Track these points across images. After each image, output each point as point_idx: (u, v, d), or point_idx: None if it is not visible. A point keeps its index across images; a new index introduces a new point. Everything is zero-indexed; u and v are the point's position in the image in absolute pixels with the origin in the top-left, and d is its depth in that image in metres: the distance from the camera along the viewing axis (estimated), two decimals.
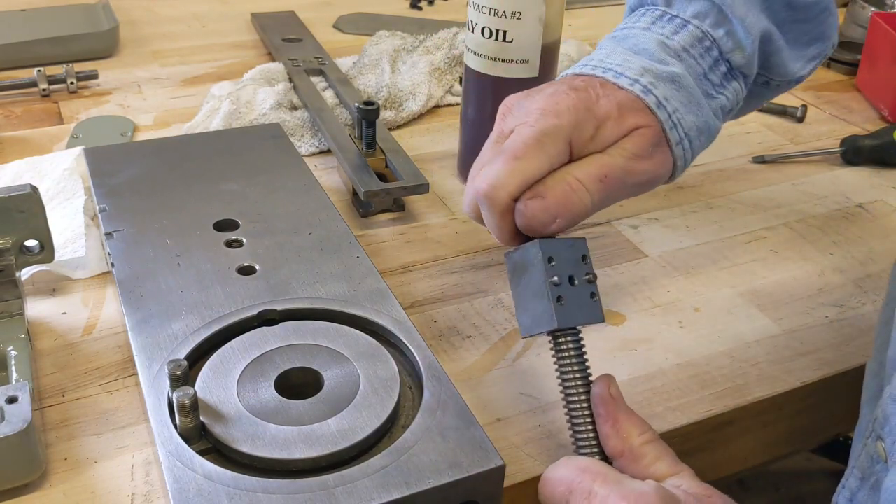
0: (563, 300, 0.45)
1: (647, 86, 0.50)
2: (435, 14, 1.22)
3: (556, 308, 0.44)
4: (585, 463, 0.42)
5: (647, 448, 0.42)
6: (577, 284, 0.45)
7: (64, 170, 0.72)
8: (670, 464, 0.42)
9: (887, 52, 0.94)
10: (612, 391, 0.44)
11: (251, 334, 0.53)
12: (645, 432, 0.43)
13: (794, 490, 1.14)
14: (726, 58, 0.55)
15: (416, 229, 0.71)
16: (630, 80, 0.50)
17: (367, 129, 0.73)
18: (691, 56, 0.53)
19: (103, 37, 1.01)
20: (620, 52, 0.53)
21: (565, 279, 0.45)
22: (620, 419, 0.43)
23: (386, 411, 0.47)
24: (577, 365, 0.45)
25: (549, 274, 0.45)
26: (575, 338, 0.46)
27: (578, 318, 0.45)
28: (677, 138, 0.52)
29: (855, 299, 0.65)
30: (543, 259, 0.45)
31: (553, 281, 0.45)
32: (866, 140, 0.84)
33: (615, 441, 0.43)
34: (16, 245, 0.55)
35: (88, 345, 0.57)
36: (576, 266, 0.46)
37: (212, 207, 0.65)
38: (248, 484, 0.43)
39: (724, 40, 0.54)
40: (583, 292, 0.45)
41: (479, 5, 0.69)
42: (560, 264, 0.45)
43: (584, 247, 0.47)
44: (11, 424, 0.45)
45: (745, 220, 0.75)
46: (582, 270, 0.46)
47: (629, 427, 0.43)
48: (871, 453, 0.46)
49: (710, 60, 0.54)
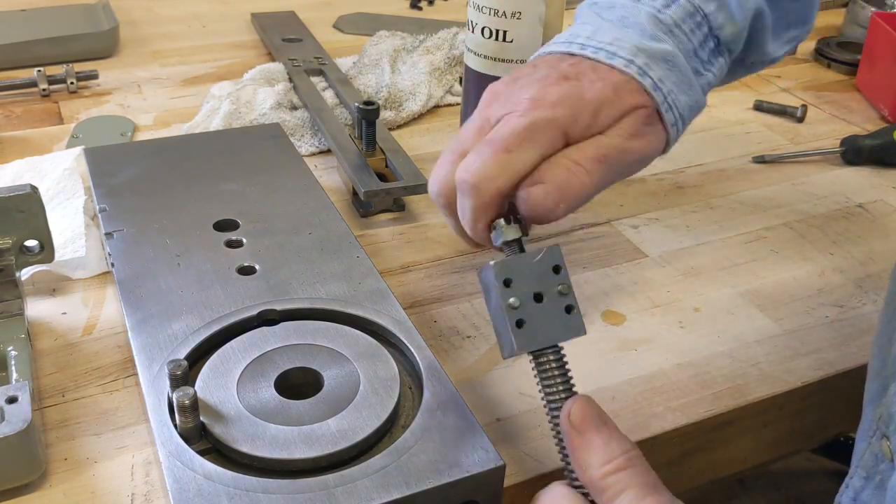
0: (525, 323, 0.42)
1: (643, 67, 0.49)
2: (435, 14, 1.22)
3: (515, 333, 0.42)
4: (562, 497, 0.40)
5: (607, 481, 0.38)
6: (545, 301, 0.43)
7: (64, 170, 0.72)
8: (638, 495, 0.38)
9: (887, 52, 0.94)
10: (573, 417, 0.40)
11: (251, 334, 0.53)
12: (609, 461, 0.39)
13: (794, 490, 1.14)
14: (715, 33, 0.53)
15: (416, 229, 0.71)
16: (625, 61, 0.49)
17: (367, 129, 0.73)
18: (682, 31, 0.51)
19: (103, 37, 1.01)
20: (608, 27, 0.50)
21: (528, 299, 0.43)
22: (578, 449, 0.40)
23: (386, 411, 0.47)
24: (558, 384, 0.43)
25: (506, 297, 0.42)
26: (555, 356, 0.43)
27: (549, 336, 0.43)
28: (672, 119, 0.51)
29: (855, 299, 0.65)
30: (498, 282, 0.43)
31: (510, 303, 0.42)
32: (866, 140, 0.84)
33: (577, 473, 0.40)
34: (16, 245, 0.55)
35: (88, 345, 0.57)
36: (544, 281, 0.43)
37: (212, 207, 0.65)
38: (248, 484, 0.43)
39: (715, 15, 0.52)
40: (554, 308, 0.43)
41: (479, 5, 0.69)
42: (520, 284, 0.43)
43: (558, 257, 0.43)
44: (11, 424, 0.45)
45: (745, 220, 0.75)
46: (553, 284, 0.43)
47: (588, 458, 0.39)
48: (876, 452, 0.46)
49: (700, 36, 0.52)
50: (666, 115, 0.50)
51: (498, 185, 0.45)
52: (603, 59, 0.49)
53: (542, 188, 0.45)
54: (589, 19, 0.52)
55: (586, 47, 0.50)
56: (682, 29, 0.51)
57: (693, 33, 0.52)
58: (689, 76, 0.52)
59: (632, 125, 0.49)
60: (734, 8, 0.53)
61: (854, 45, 1.07)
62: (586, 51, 0.50)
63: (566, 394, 0.43)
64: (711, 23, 0.52)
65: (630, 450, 0.39)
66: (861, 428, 0.50)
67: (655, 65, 0.49)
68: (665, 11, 0.51)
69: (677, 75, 0.50)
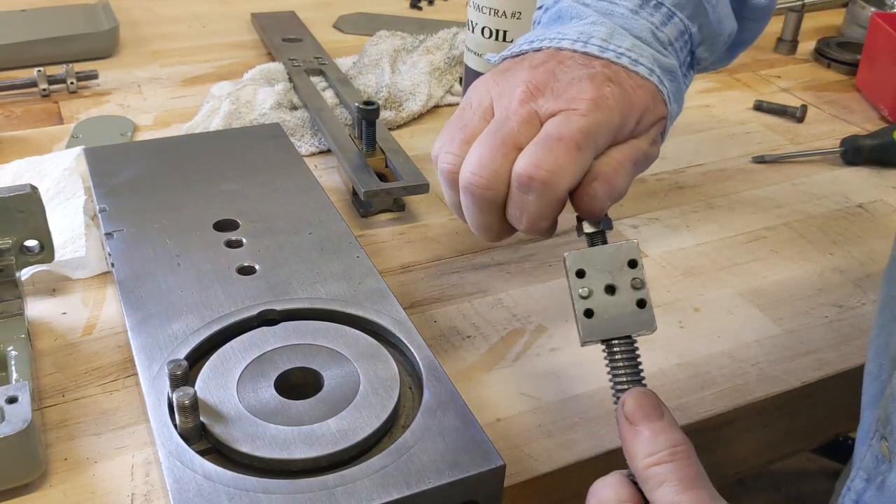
0: (595, 312, 0.43)
1: (662, 78, 0.50)
2: (435, 14, 1.22)
3: (583, 322, 0.43)
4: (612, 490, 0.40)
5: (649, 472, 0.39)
6: (618, 293, 0.44)
7: (64, 170, 0.72)
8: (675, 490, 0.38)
9: (887, 52, 0.94)
10: (626, 409, 0.41)
11: (251, 334, 0.53)
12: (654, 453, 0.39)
13: (794, 490, 1.14)
14: (693, 50, 0.55)
15: (416, 229, 0.71)
16: (647, 70, 0.50)
17: (367, 129, 0.73)
18: (674, 49, 0.53)
19: (103, 37, 1.01)
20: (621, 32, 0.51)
21: (600, 289, 0.44)
22: (627, 440, 0.41)
23: (386, 411, 0.47)
24: (628, 375, 0.43)
25: (576, 287, 0.43)
26: (626, 347, 0.43)
27: (617, 328, 0.43)
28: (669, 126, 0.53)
29: (855, 299, 0.65)
30: (570, 272, 0.44)
31: (580, 293, 0.43)
32: (866, 140, 0.84)
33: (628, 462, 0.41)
34: (16, 245, 0.55)
35: (88, 345, 0.57)
36: (618, 273, 0.44)
37: (212, 207, 0.65)
38: (248, 484, 0.43)
39: (696, 35, 0.54)
40: (625, 300, 0.44)
41: (479, 5, 0.69)
42: (594, 275, 0.44)
43: (634, 251, 0.44)
44: (11, 424, 0.45)
45: (745, 220, 0.75)
46: (627, 277, 0.44)
47: (635, 448, 0.40)
48: (876, 453, 0.46)
49: (686, 53, 0.54)
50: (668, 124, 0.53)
51: (570, 182, 0.45)
52: (627, 64, 0.49)
53: (600, 184, 0.46)
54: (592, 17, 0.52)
55: (606, 50, 0.50)
56: (674, 47, 0.53)
57: (682, 50, 0.54)
58: (682, 89, 0.54)
59: (656, 133, 0.51)
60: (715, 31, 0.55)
61: (854, 45, 1.07)
62: (607, 54, 0.49)
63: (632, 385, 0.43)
64: (693, 40, 0.55)
65: (678, 444, 0.40)
66: (860, 430, 0.50)
67: (665, 77, 0.51)
68: (662, 29, 0.52)
69: (676, 87, 0.52)
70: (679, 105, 0.54)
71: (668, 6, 0.52)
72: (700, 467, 0.40)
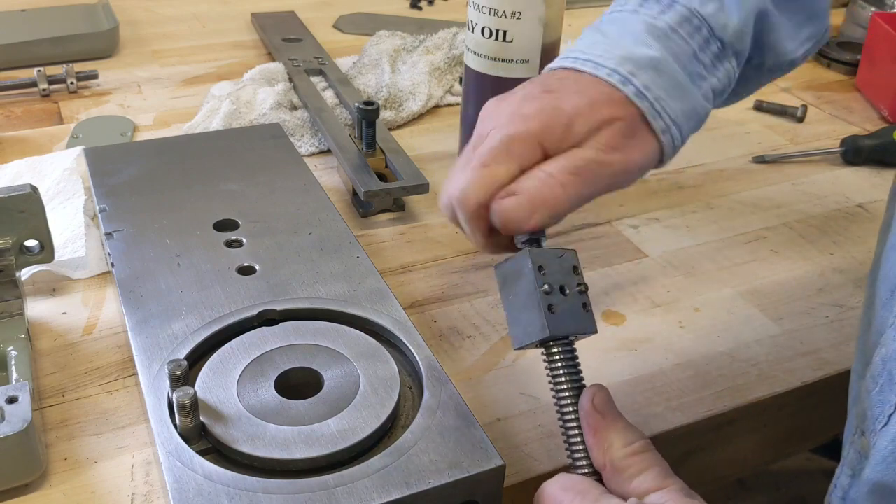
0: (555, 309, 0.44)
1: (626, 75, 0.49)
2: (435, 14, 1.22)
3: (548, 316, 0.43)
4: (571, 482, 0.41)
5: (630, 460, 0.41)
6: (568, 294, 0.45)
7: (64, 170, 0.72)
8: (656, 477, 0.40)
9: (887, 52, 0.94)
10: (596, 401, 0.43)
11: (251, 334, 0.53)
12: (630, 444, 0.41)
13: (794, 490, 1.14)
14: (718, 35, 0.52)
15: (416, 229, 0.71)
16: (608, 70, 0.49)
17: (367, 129, 0.73)
18: (679, 35, 0.51)
19: (103, 37, 1.01)
20: (601, 41, 0.52)
21: (556, 288, 0.44)
22: (601, 430, 0.42)
23: (386, 411, 0.47)
24: (570, 375, 0.44)
25: (540, 282, 0.44)
26: (567, 348, 0.45)
27: (570, 327, 0.44)
28: (663, 126, 0.50)
29: (855, 299, 0.65)
30: (534, 267, 0.44)
31: (544, 289, 0.44)
32: (866, 140, 0.84)
33: (597, 453, 0.42)
34: (16, 245, 0.55)
35: (88, 345, 0.57)
36: (567, 276, 0.45)
37: (212, 207, 0.65)
38: (248, 484, 0.43)
39: (715, 17, 0.52)
40: (575, 303, 0.45)
41: (479, 5, 0.69)
42: (551, 273, 0.45)
43: (575, 258, 0.46)
44: (11, 424, 0.45)
45: (745, 220, 0.75)
46: (573, 281, 0.45)
47: (611, 438, 0.41)
48: (858, 449, 0.46)
49: (700, 40, 0.52)
50: (654, 121, 0.50)
51: (478, 198, 0.47)
52: (589, 70, 0.50)
53: (514, 199, 0.46)
54: (588, 35, 0.53)
55: (577, 60, 0.51)
56: (678, 33, 0.51)
57: (691, 37, 0.52)
58: (682, 81, 0.51)
59: (610, 137, 0.48)
60: (732, 8, 0.53)
61: (854, 45, 1.07)
62: (577, 63, 0.51)
63: (578, 384, 0.44)
64: (712, 25, 0.52)
65: (646, 438, 0.42)
66: (846, 429, 0.50)
67: (641, 72, 0.49)
68: (660, 17, 0.51)
69: (667, 81, 0.50)
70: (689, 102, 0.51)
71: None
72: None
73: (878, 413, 0.44)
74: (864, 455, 0.46)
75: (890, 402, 0.44)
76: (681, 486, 0.40)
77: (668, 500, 0.39)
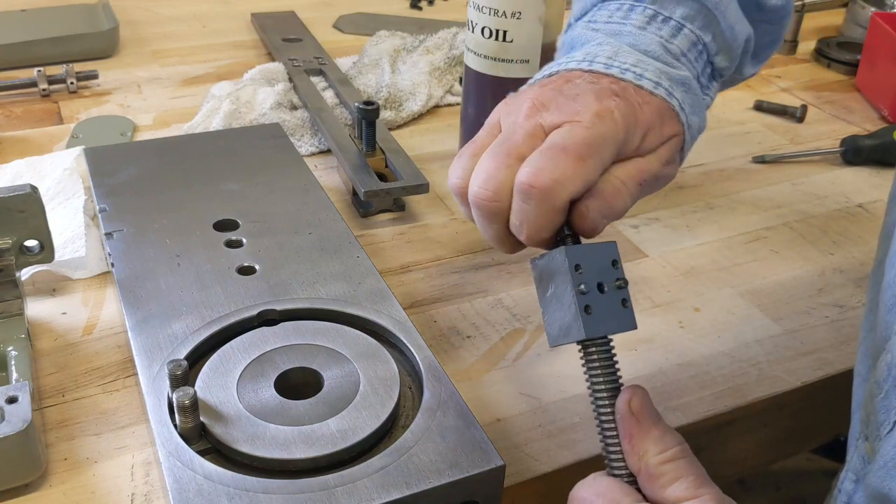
0: (592, 309, 0.43)
1: (669, 89, 0.49)
2: (435, 14, 1.22)
3: (584, 318, 0.43)
4: (605, 486, 0.41)
5: (665, 468, 0.40)
6: (606, 291, 0.43)
7: (64, 170, 0.72)
8: (690, 486, 0.39)
9: (887, 52, 0.94)
10: (633, 405, 0.42)
11: (251, 334, 0.53)
12: (666, 450, 0.40)
13: (794, 490, 1.14)
14: (711, 60, 0.54)
15: (416, 229, 0.71)
16: (653, 83, 0.49)
17: (367, 129, 0.73)
18: (688, 60, 0.52)
19: (103, 37, 1.01)
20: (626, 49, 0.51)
21: (593, 286, 0.43)
22: (636, 436, 0.41)
23: (386, 411, 0.47)
24: (606, 374, 0.43)
25: (577, 282, 0.43)
26: (604, 347, 0.44)
27: (608, 326, 0.43)
28: (689, 142, 0.52)
29: (855, 299, 0.65)
30: (570, 267, 0.43)
31: (580, 289, 0.43)
32: (866, 140, 0.84)
33: (632, 459, 0.41)
34: (16, 245, 0.55)
35: (88, 345, 0.57)
36: (605, 272, 0.44)
37: (212, 207, 0.65)
38: (248, 484, 0.43)
39: (712, 44, 0.54)
40: (613, 299, 0.44)
41: (479, 5, 0.69)
42: (588, 271, 0.43)
43: (615, 251, 0.44)
44: (11, 424, 0.45)
45: (745, 220, 0.75)
46: (612, 276, 0.44)
47: (646, 444, 0.40)
48: (862, 454, 0.46)
49: (701, 64, 0.54)
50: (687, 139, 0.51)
51: (571, 192, 0.44)
52: (632, 79, 0.49)
53: (597, 203, 0.45)
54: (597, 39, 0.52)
55: (611, 67, 0.49)
56: (687, 58, 0.52)
57: (696, 61, 0.53)
58: (701, 100, 0.53)
59: (668, 152, 0.49)
60: (729, 39, 0.54)
61: (854, 45, 1.07)
62: (612, 70, 0.49)
63: (615, 383, 0.43)
64: (709, 51, 0.54)
65: (682, 443, 0.41)
66: (850, 433, 0.50)
67: (678, 89, 0.50)
68: (672, 41, 0.52)
69: (693, 99, 0.51)
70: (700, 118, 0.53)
71: (677, 19, 0.52)
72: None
73: (882, 419, 0.44)
74: (869, 460, 0.45)
75: (895, 407, 0.43)
76: (716, 494, 0.39)
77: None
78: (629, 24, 0.52)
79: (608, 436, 0.42)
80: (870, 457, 0.45)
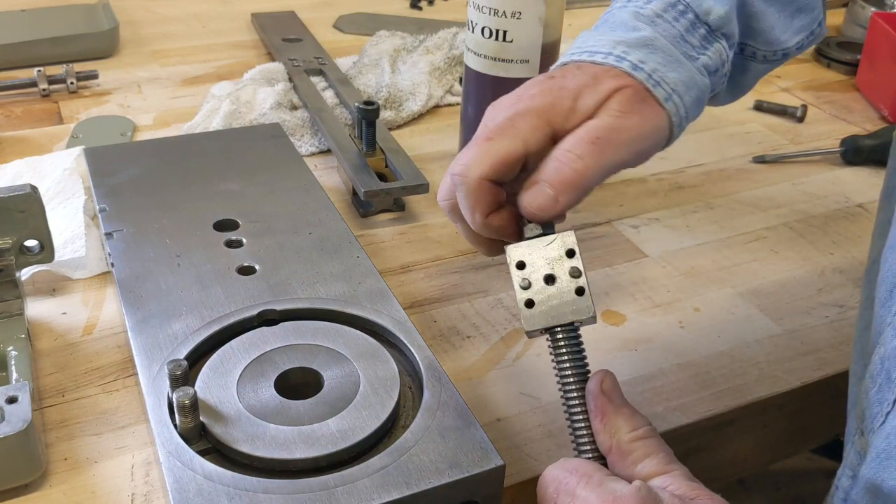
0: (534, 303, 0.44)
1: (620, 55, 0.50)
2: (435, 14, 1.22)
3: (524, 312, 0.44)
4: (576, 464, 0.41)
5: (636, 444, 0.41)
6: (557, 283, 0.45)
7: (64, 170, 0.72)
8: (660, 462, 0.41)
9: (887, 52, 0.94)
10: (604, 386, 0.43)
11: (251, 334, 0.53)
12: (636, 428, 0.42)
13: (794, 490, 1.14)
14: (703, 20, 0.54)
15: (416, 229, 0.71)
16: (603, 55, 0.50)
17: (367, 129, 0.73)
18: (664, 20, 0.53)
19: (103, 37, 1.01)
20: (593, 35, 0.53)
21: (539, 280, 0.45)
22: (609, 414, 0.42)
23: (386, 411, 0.47)
24: (574, 361, 0.44)
25: (517, 278, 0.45)
26: (571, 334, 0.45)
27: (560, 317, 0.44)
28: (664, 94, 0.50)
29: (855, 299, 0.65)
30: (511, 264, 0.45)
31: (521, 285, 0.45)
32: (866, 140, 0.84)
33: (603, 437, 0.42)
34: (16, 245, 0.55)
35: (88, 345, 0.57)
36: (556, 264, 0.45)
37: (212, 207, 0.65)
38: (248, 484, 0.43)
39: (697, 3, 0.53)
40: (566, 290, 0.45)
41: (479, 5, 0.69)
42: (533, 266, 0.45)
43: (571, 241, 0.45)
44: (11, 424, 0.45)
45: (745, 220, 0.75)
46: (565, 267, 0.45)
47: (618, 422, 0.42)
48: (858, 450, 0.46)
49: (686, 23, 0.53)
50: (655, 89, 0.50)
51: (482, 171, 0.46)
52: (585, 58, 0.51)
53: (536, 187, 0.46)
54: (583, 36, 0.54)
55: (573, 55, 0.52)
56: (663, 18, 0.53)
57: (677, 21, 0.53)
58: (675, 55, 0.52)
59: (621, 104, 0.49)
60: None
61: (854, 45, 1.07)
62: (572, 57, 0.52)
63: (582, 370, 0.44)
64: (696, 10, 0.54)
65: (651, 425, 0.43)
66: (847, 431, 0.51)
67: (634, 50, 0.50)
68: (646, 7, 0.53)
69: (661, 55, 0.51)
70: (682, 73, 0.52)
71: None
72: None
73: (876, 412, 0.44)
74: (864, 455, 0.46)
75: (888, 400, 0.44)
76: (684, 472, 0.41)
77: (671, 483, 0.40)
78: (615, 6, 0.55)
79: (576, 420, 0.44)
80: (864, 451, 0.45)
